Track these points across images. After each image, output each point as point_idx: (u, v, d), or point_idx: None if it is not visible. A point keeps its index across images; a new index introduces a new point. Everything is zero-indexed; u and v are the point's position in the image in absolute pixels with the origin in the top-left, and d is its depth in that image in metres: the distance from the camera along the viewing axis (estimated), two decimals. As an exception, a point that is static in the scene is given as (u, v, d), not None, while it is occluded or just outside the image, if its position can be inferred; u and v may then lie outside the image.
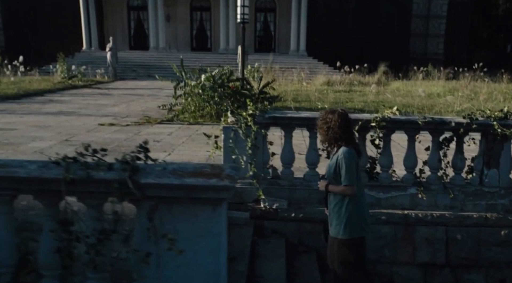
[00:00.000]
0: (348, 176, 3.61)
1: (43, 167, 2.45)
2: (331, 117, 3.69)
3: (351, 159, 3.65)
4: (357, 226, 3.72)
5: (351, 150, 3.68)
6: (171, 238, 2.19)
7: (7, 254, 2.53)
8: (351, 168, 3.63)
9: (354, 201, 3.70)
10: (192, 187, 2.24)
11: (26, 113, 12.47)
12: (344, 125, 3.68)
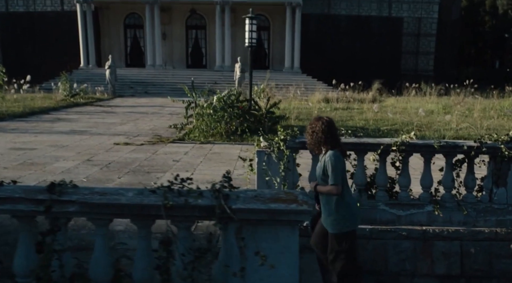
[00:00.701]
0: (334, 176, 4.02)
1: (140, 194, 2.86)
2: (316, 123, 4.19)
3: (337, 161, 4.07)
4: (345, 221, 4.12)
5: (337, 152, 4.11)
6: (264, 255, 2.59)
7: (103, 271, 2.92)
8: (337, 168, 4.04)
9: (341, 199, 4.11)
10: (275, 211, 2.66)
11: (39, 132, 12.79)
12: (328, 131, 4.14)
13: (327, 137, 4.12)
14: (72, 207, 2.81)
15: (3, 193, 2.93)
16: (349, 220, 4.15)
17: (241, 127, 11.00)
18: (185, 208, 2.70)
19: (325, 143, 4.15)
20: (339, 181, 4.04)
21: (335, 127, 4.25)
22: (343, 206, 4.11)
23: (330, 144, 4.14)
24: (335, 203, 4.11)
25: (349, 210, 4.16)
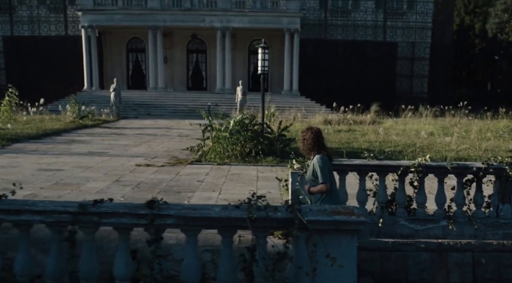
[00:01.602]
0: (322, 176, 4.71)
1: (225, 209, 3.49)
2: (307, 132, 4.99)
3: (324, 163, 4.77)
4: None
5: (323, 156, 4.84)
6: (333, 257, 3.22)
7: (193, 274, 3.52)
8: (324, 169, 4.74)
9: (329, 196, 4.79)
10: (339, 222, 3.30)
11: (59, 153, 13.34)
12: (316, 138, 4.90)
13: (315, 144, 4.91)
14: (170, 220, 3.44)
15: (108, 208, 3.55)
16: None
17: (255, 149, 11.65)
18: (266, 220, 3.34)
19: (313, 149, 4.92)
20: (327, 179, 4.75)
21: (322, 136, 5.04)
22: (331, 202, 4.73)
23: (317, 149, 4.91)
24: (324, 199, 4.80)
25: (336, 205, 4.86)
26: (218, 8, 31.22)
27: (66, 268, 3.65)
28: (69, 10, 35.54)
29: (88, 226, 3.56)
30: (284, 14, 31.15)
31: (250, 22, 31.36)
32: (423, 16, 34.24)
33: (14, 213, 3.63)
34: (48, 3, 36.33)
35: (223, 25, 31.36)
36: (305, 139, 4.96)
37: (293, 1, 31.32)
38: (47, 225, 3.64)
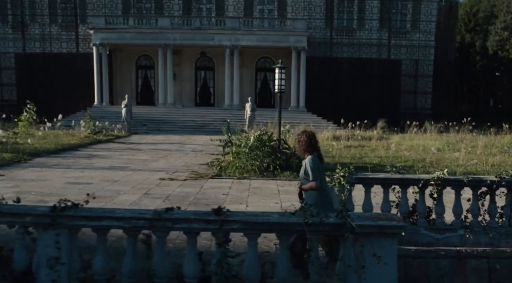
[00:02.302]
0: (313, 174, 5.22)
1: (283, 215, 4.04)
2: (302, 135, 5.56)
3: (314, 162, 5.28)
4: (322, 210, 5.11)
5: (314, 157, 5.35)
6: (379, 256, 3.75)
7: (254, 273, 4.04)
8: (315, 168, 5.24)
9: (320, 193, 5.27)
10: (382, 226, 3.83)
11: (82, 168, 13.89)
12: (308, 141, 5.44)
13: (308, 146, 5.44)
14: (235, 225, 3.99)
15: (179, 215, 4.11)
16: (324, 209, 5.20)
17: (273, 164, 12.21)
18: (320, 224, 3.89)
19: (306, 150, 5.44)
20: (317, 177, 5.25)
21: (315, 139, 5.59)
22: (320, 198, 5.29)
23: (310, 150, 5.43)
24: (315, 195, 5.30)
25: (325, 201, 5.34)
26: (227, 27, 32.09)
27: (140, 268, 4.19)
28: (81, 28, 36.49)
29: (161, 230, 4.11)
30: (291, 33, 32.01)
31: (258, 41, 32.21)
32: (426, 35, 35.15)
33: (96, 219, 4.19)
34: (60, 21, 37.31)
35: (232, 43, 32.19)
36: (300, 141, 5.52)
37: (300, 20, 32.23)
38: (125, 230, 4.19)
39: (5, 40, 38.02)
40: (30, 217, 4.24)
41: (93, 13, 35.77)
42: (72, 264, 4.19)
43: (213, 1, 35.64)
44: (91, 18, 34.57)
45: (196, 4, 35.87)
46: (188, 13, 35.39)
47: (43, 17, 37.31)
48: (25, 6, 37.27)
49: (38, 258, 4.21)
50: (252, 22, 32.92)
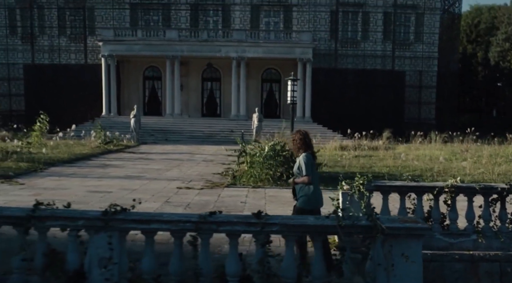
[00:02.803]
0: (306, 169, 5.76)
1: (318, 219, 4.43)
2: (296, 134, 6.09)
3: (308, 159, 5.82)
4: (309, 202, 5.87)
5: (308, 154, 5.88)
6: (407, 255, 4.13)
7: (292, 272, 4.40)
8: (308, 164, 5.78)
9: (309, 187, 5.82)
10: (409, 228, 4.21)
11: (99, 177, 14.28)
12: (302, 139, 5.95)
13: (302, 144, 5.96)
14: (275, 227, 4.38)
15: (223, 218, 4.51)
16: (312, 202, 5.90)
17: (287, 173, 12.59)
18: (352, 226, 4.28)
19: (301, 147, 5.96)
20: (309, 172, 5.78)
21: (308, 138, 6.09)
22: (310, 192, 5.84)
23: (304, 148, 5.95)
24: (305, 189, 5.86)
25: (314, 195, 5.90)
26: (234, 39, 32.69)
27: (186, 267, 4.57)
28: (89, 40, 37.13)
29: (206, 232, 4.50)
30: (297, 45, 32.60)
31: (264, 52, 32.80)
32: (429, 46, 35.73)
33: (145, 223, 4.59)
34: (68, 33, 37.98)
35: (239, 55, 32.77)
36: (294, 140, 6.04)
37: (306, 33, 32.85)
38: (172, 232, 4.58)
39: (14, 51, 38.67)
40: (83, 220, 4.63)
41: (101, 25, 36.42)
42: (121, 264, 4.58)
43: (220, 13, 36.31)
44: (100, 30, 35.21)
45: (203, 17, 36.54)
46: (195, 26, 36.02)
47: (52, 29, 37.97)
48: (34, 18, 37.96)
49: (90, 258, 4.59)
50: (258, 34, 33.53)
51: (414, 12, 36.00)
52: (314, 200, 5.89)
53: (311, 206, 5.89)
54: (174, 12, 36.58)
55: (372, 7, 35.65)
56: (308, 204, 5.88)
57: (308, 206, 5.88)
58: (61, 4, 37.49)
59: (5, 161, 16.79)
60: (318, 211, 6.02)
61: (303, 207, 5.90)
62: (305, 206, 5.90)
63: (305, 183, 5.82)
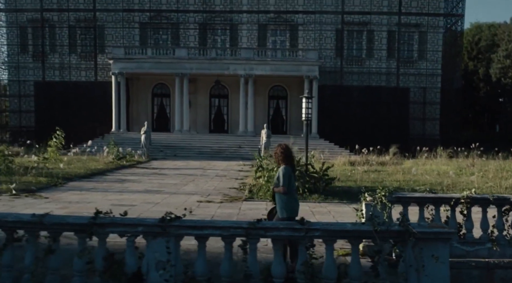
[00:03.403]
0: (283, 181, 6.34)
1: (355, 225, 4.95)
2: (278, 148, 6.67)
3: (286, 171, 6.37)
4: (287, 210, 6.38)
5: (287, 166, 6.45)
6: (437, 256, 4.63)
7: (332, 272, 4.90)
8: (285, 176, 6.34)
9: (288, 197, 6.38)
10: (437, 233, 4.73)
11: (119, 191, 14.76)
12: (283, 153, 6.53)
13: (284, 157, 6.55)
14: (317, 232, 4.89)
15: (270, 225, 5.03)
16: (289, 210, 6.42)
17: (302, 187, 13.10)
18: (386, 231, 4.80)
19: (282, 161, 6.54)
20: (285, 184, 6.35)
21: (289, 151, 6.67)
22: (287, 201, 6.40)
23: (284, 161, 6.52)
24: (283, 198, 6.42)
25: (290, 204, 6.45)
26: (242, 57, 33.49)
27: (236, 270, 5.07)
28: (99, 58, 37.96)
29: (255, 237, 5.01)
30: (303, 63, 33.38)
31: (271, 70, 33.56)
32: (433, 64, 36.52)
33: (199, 229, 5.11)
34: (79, 51, 38.86)
35: (246, 72, 33.53)
36: (276, 153, 6.63)
37: (312, 51, 33.67)
38: (223, 237, 5.09)
39: (25, 69, 39.50)
40: (142, 227, 5.16)
41: (111, 44, 37.29)
42: (177, 267, 5.09)
43: (228, 32, 37.23)
44: (110, 48, 36.04)
45: (211, 36, 37.45)
46: (203, 44, 36.90)
47: (63, 47, 38.86)
48: (45, 36, 38.86)
49: (148, 261, 5.10)
50: (265, 52, 34.35)
51: (418, 30, 36.90)
52: (289, 209, 6.43)
53: (286, 214, 6.43)
54: (183, 31, 37.50)
55: (376, 26, 36.55)
56: (282, 213, 6.46)
57: (282, 214, 6.45)
58: (72, 23, 38.43)
59: (24, 175, 17.35)
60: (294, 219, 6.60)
61: (280, 215, 6.49)
62: (280, 214, 6.48)
63: (281, 193, 6.39)
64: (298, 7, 36.69)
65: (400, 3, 35.62)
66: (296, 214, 6.50)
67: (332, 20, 36.37)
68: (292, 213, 6.43)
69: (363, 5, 36.20)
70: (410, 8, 36.37)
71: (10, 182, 15.50)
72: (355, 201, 12.62)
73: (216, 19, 37.40)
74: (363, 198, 7.68)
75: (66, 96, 37.62)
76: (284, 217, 6.35)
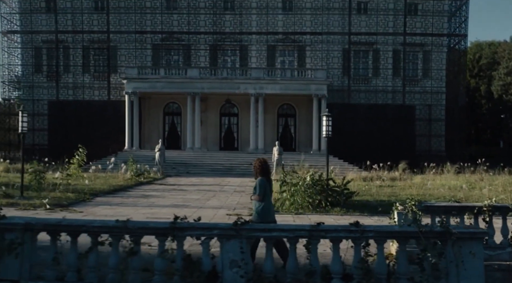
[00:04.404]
0: (258, 190, 7.18)
1: (402, 226, 5.76)
2: (256, 161, 7.54)
3: (261, 182, 7.20)
4: (261, 216, 7.09)
5: (262, 178, 7.29)
6: (474, 253, 5.42)
7: (383, 268, 5.70)
8: (260, 187, 7.17)
9: (263, 204, 7.14)
10: (472, 233, 5.53)
11: (148, 206, 15.50)
12: (261, 166, 7.37)
13: (261, 170, 7.39)
14: (371, 234, 5.70)
15: (329, 227, 5.84)
16: (263, 217, 7.12)
17: (325, 201, 13.89)
18: (430, 232, 5.61)
19: (259, 173, 7.36)
20: (261, 193, 7.20)
21: (266, 165, 7.51)
22: (263, 209, 7.16)
23: (261, 174, 7.36)
24: (258, 206, 7.19)
25: (264, 211, 7.16)
26: (252, 77, 34.61)
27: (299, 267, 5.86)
28: (112, 78, 39.06)
29: (315, 238, 5.81)
30: (312, 82, 34.48)
31: (281, 89, 34.64)
32: (437, 82, 37.65)
33: (268, 231, 5.91)
34: (92, 71, 40.00)
35: (257, 91, 34.59)
36: (255, 166, 7.49)
37: (320, 70, 34.79)
38: (288, 239, 5.89)
39: (40, 88, 40.55)
40: (217, 230, 5.96)
41: (124, 64, 38.44)
42: (248, 265, 5.87)
43: (237, 53, 38.44)
44: (124, 68, 37.15)
45: (221, 56, 38.66)
46: (214, 64, 38.04)
47: (77, 67, 40.00)
48: (60, 57, 40.02)
49: (223, 261, 5.89)
50: (274, 72, 35.47)
51: (422, 49, 38.13)
52: (263, 215, 7.16)
53: (259, 219, 7.14)
54: (194, 52, 38.70)
55: (382, 45, 37.80)
56: (257, 218, 7.19)
57: (256, 219, 7.17)
58: (86, 44, 39.65)
59: (53, 191, 18.12)
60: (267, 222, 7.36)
61: (253, 220, 7.21)
62: (254, 219, 7.22)
63: (257, 200, 7.23)
64: (306, 28, 38.01)
65: (405, 24, 36.94)
66: (270, 219, 7.23)
67: (339, 40, 37.62)
68: (264, 218, 7.18)
69: (369, 26, 37.53)
70: (414, 29, 37.70)
71: (41, 197, 16.29)
72: (375, 213, 13.41)
73: (226, 40, 38.65)
74: (395, 207, 8.47)
75: (79, 115, 38.58)
76: (257, 220, 7.12)
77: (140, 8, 38.67)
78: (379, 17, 37.35)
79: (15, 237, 6.10)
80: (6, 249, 6.11)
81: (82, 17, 39.00)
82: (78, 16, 39.16)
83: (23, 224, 6.21)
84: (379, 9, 37.32)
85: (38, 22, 39.99)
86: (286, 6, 38.47)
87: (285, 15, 38.37)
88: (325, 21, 37.29)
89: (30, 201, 15.95)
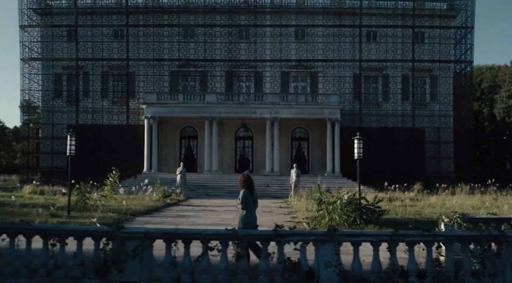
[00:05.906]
0: (241, 200, 8.59)
1: (465, 231, 6.97)
2: (240, 176, 9.01)
3: (244, 194, 8.59)
4: (244, 223, 8.48)
5: (245, 190, 8.67)
6: (530, 253, 6.63)
7: (451, 268, 6.89)
8: (243, 197, 8.57)
9: (246, 213, 8.55)
10: None
11: (191, 224, 16.49)
12: (244, 180, 8.82)
13: (243, 184, 8.84)
14: (441, 238, 6.88)
15: (406, 232, 7.05)
16: (244, 223, 8.52)
17: (360, 218, 15.05)
18: (489, 235, 6.81)
19: (243, 186, 8.81)
20: (244, 203, 8.60)
21: (249, 180, 8.93)
22: (245, 216, 8.60)
23: (244, 186, 8.80)
24: (241, 213, 8.65)
25: (245, 218, 8.58)
26: (268, 102, 36.09)
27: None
28: (131, 103, 40.48)
29: (395, 242, 6.99)
30: (325, 106, 35.95)
31: (295, 113, 36.08)
32: (445, 106, 39.23)
33: (356, 236, 7.12)
34: (111, 96, 41.44)
35: (272, 116, 36.02)
36: (240, 180, 8.89)
37: (333, 95, 36.34)
38: (372, 243, 7.08)
39: (60, 112, 41.86)
40: (313, 236, 7.15)
41: (143, 90, 39.96)
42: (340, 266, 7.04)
43: (252, 79, 40.06)
44: (143, 94, 38.64)
45: (236, 82, 40.26)
46: (229, 89, 39.59)
47: (96, 93, 41.46)
48: (79, 83, 41.50)
49: (319, 262, 7.05)
50: (287, 97, 36.98)
51: (429, 74, 39.85)
52: (244, 222, 8.50)
53: (242, 225, 8.53)
54: (210, 78, 40.28)
55: (391, 71, 39.52)
56: (239, 224, 8.61)
57: (239, 225, 8.56)
58: (105, 70, 41.20)
59: (95, 211, 19.22)
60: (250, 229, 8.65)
61: (238, 226, 8.53)
62: (238, 224, 8.63)
63: (241, 209, 8.61)
64: (318, 55, 39.79)
65: (413, 50, 38.74)
66: (252, 226, 8.54)
67: (350, 66, 39.33)
68: (245, 225, 8.47)
69: (379, 53, 39.33)
70: (422, 56, 39.50)
71: (85, 217, 17.38)
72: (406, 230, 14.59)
73: (241, 67, 40.30)
74: (441, 219, 9.70)
75: (98, 138, 39.81)
76: (240, 227, 8.35)
77: (158, 36, 40.42)
78: (388, 45, 39.20)
79: (138, 244, 7.26)
80: (131, 255, 7.26)
81: (103, 45, 40.67)
82: (98, 44, 40.83)
83: (143, 232, 7.38)
84: (388, 37, 39.21)
85: (59, 49, 41.62)
86: (298, 35, 40.33)
87: (298, 43, 40.18)
88: (336, 48, 39.09)
89: (78, 220, 17.07)
